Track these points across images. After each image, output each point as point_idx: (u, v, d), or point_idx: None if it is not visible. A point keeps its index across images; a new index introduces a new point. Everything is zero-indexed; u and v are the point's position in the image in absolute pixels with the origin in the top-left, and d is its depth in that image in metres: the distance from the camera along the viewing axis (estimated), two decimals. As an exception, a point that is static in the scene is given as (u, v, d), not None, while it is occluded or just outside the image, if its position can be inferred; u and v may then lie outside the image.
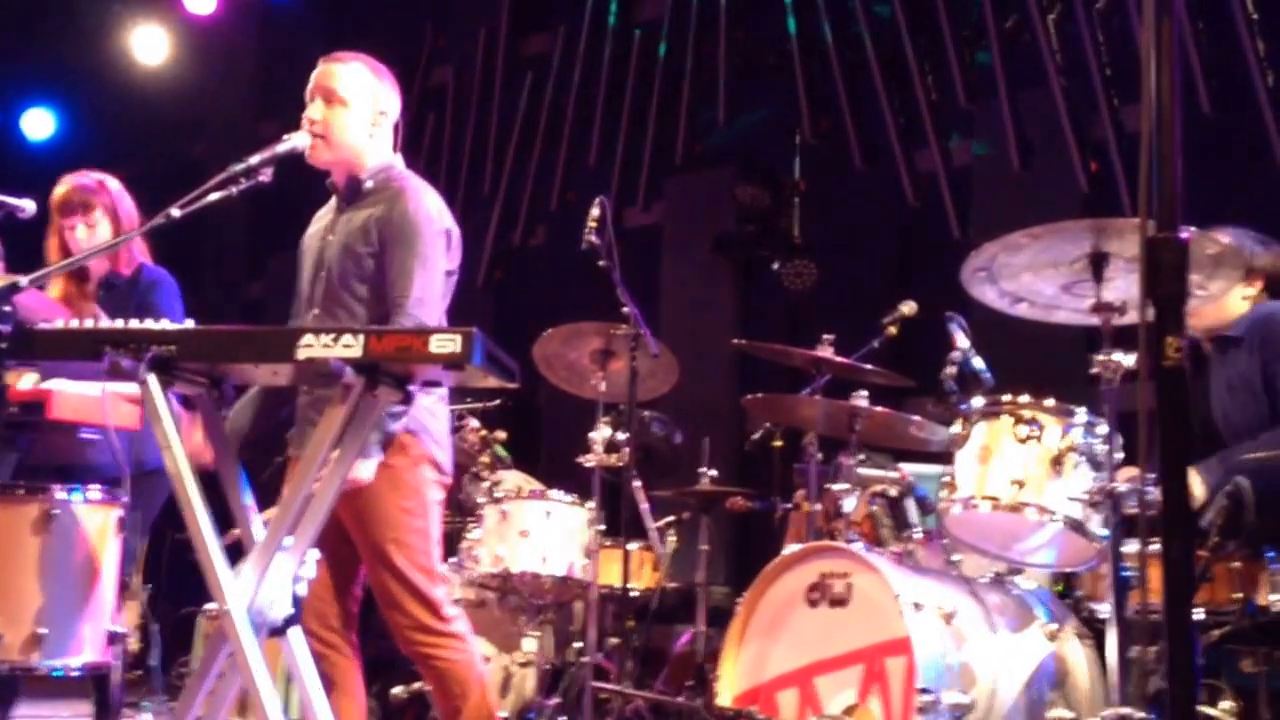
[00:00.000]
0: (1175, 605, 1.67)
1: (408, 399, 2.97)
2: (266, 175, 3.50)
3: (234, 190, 3.44)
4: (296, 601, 2.91)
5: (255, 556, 2.84)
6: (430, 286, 3.77)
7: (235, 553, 2.93)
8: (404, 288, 3.72)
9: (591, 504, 5.19)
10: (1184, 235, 1.77)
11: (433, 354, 2.74)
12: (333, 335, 2.73)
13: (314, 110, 3.85)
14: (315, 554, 2.96)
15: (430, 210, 3.84)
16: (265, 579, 2.82)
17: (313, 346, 2.73)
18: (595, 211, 5.02)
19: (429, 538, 3.82)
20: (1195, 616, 3.66)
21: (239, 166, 3.46)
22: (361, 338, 2.73)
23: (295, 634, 2.96)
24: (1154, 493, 1.88)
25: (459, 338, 2.74)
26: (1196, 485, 3.94)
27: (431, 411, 3.84)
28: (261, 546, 2.84)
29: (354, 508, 3.67)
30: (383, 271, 3.77)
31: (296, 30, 9.17)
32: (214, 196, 3.42)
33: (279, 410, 3.96)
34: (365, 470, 3.63)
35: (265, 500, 3.13)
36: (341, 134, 3.85)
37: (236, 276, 10.70)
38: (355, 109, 3.86)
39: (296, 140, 3.73)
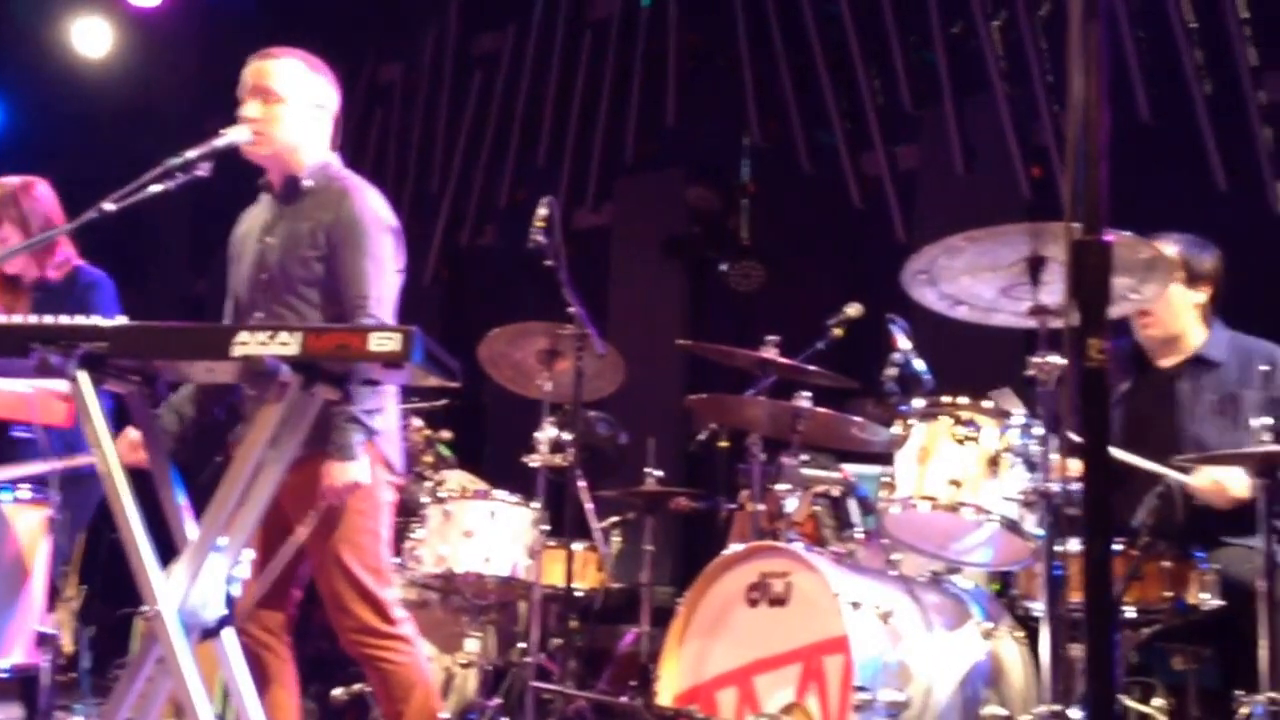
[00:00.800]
0: (1096, 602, 1.69)
1: (347, 397, 2.96)
2: (204, 170, 3.48)
3: (171, 185, 3.41)
4: (230, 603, 2.88)
5: (188, 557, 2.80)
6: (386, 285, 3.79)
7: (171, 552, 2.91)
8: (361, 288, 3.73)
9: (536, 504, 5.19)
10: (1108, 238, 1.79)
11: (371, 352, 2.72)
12: (269, 332, 2.71)
13: (251, 109, 3.82)
14: (250, 554, 2.94)
15: (376, 210, 3.84)
16: (198, 580, 2.80)
17: (248, 344, 2.71)
18: (543, 211, 5.01)
19: (380, 539, 3.83)
20: (1127, 614, 3.75)
21: (176, 161, 3.43)
22: (298, 335, 2.71)
23: (229, 635, 2.94)
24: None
25: (398, 336, 2.73)
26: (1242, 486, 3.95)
27: (386, 411, 3.84)
28: (194, 547, 2.81)
29: (306, 507, 3.66)
30: (333, 275, 3.76)
31: (242, 24, 9.10)
32: (151, 191, 3.39)
33: (214, 408, 3.94)
34: (360, 472, 3.64)
35: (204, 501, 3.11)
36: (281, 131, 3.83)
37: (179, 274, 10.61)
38: (293, 105, 3.84)
39: (235, 135, 3.71)
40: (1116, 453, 3.83)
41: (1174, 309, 4.24)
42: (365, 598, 3.76)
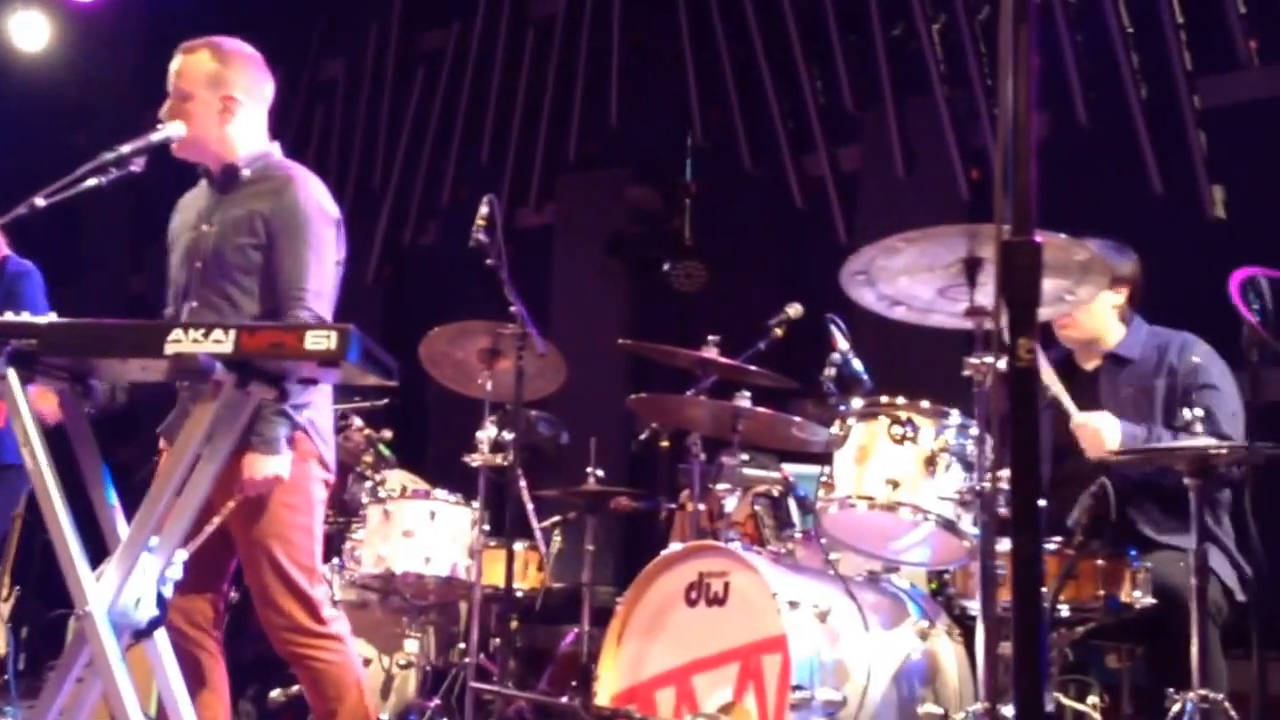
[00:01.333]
0: (1024, 600, 1.71)
1: (283, 395, 2.94)
2: (138, 165, 3.45)
3: (104, 180, 3.38)
4: (162, 603, 2.85)
5: (118, 557, 2.78)
6: (325, 278, 3.75)
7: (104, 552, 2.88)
8: (299, 280, 3.68)
9: (476, 504, 5.17)
10: (1037, 239, 1.81)
11: (307, 350, 2.70)
12: (203, 330, 2.68)
13: (164, 108, 3.77)
14: (183, 554, 2.91)
15: (319, 200, 3.80)
16: (129, 580, 2.77)
17: (182, 342, 2.68)
18: (484, 210, 5.00)
19: (312, 536, 3.79)
20: (1062, 613, 3.79)
21: (109, 155, 3.40)
22: (233, 333, 2.69)
23: (160, 636, 2.91)
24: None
25: (334, 334, 2.70)
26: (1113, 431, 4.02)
27: (321, 409, 3.81)
28: (125, 546, 2.78)
29: (230, 499, 3.62)
30: (271, 264, 3.72)
31: (184, 17, 9.00)
32: (84, 186, 3.35)
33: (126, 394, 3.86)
34: (282, 465, 3.60)
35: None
36: (190, 129, 3.76)
37: (118, 270, 10.50)
38: (198, 98, 3.77)
39: (170, 130, 3.67)
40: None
41: (1093, 311, 4.30)
42: (296, 595, 3.71)
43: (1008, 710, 3.26)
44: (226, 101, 3.81)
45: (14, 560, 5.52)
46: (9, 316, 2.76)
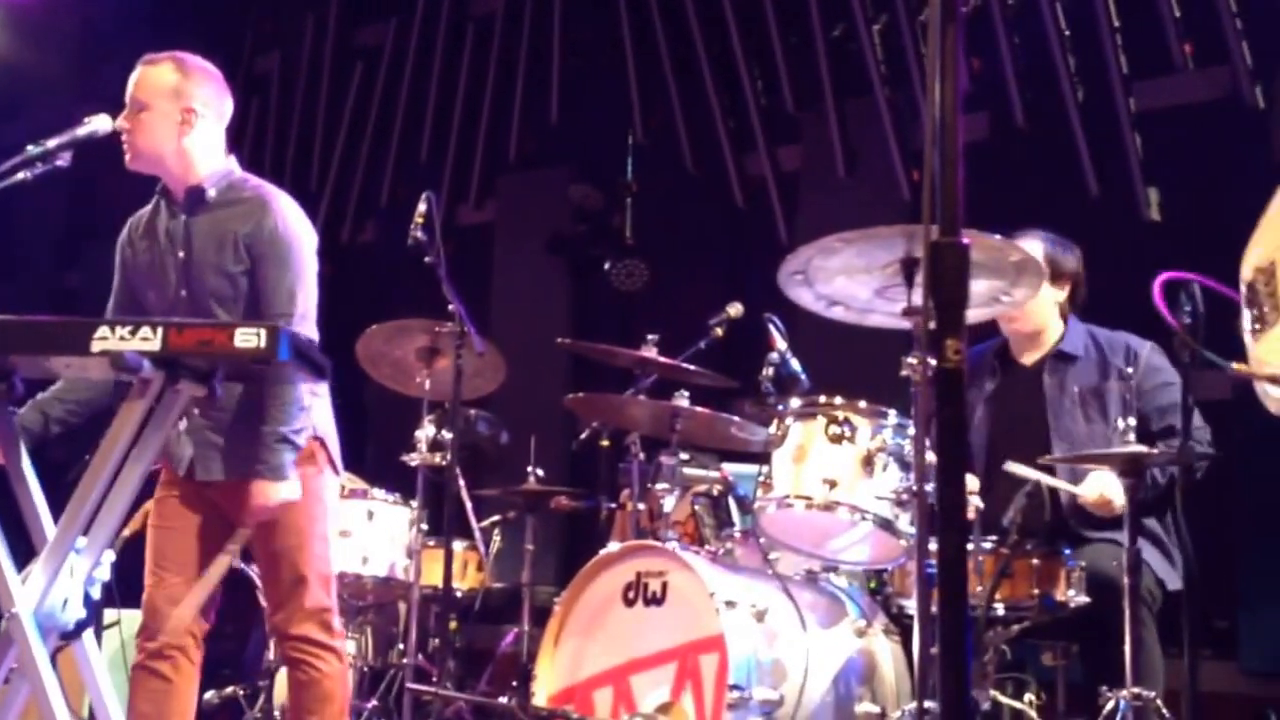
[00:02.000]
0: (949, 599, 1.71)
1: (212, 394, 2.90)
2: (65, 159, 3.40)
3: (30, 174, 3.33)
4: (90, 604, 2.82)
5: (45, 558, 2.74)
6: (310, 301, 3.75)
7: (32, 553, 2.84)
8: (286, 306, 3.67)
9: (415, 503, 5.15)
10: (964, 240, 1.82)
11: (236, 349, 2.68)
12: (130, 328, 2.65)
13: (122, 119, 3.72)
14: (110, 555, 2.87)
15: (299, 223, 3.80)
16: (56, 581, 2.73)
17: (109, 339, 2.64)
18: (422, 207, 4.98)
19: (329, 543, 3.81)
20: (998, 612, 3.81)
21: (35, 150, 3.35)
22: (160, 330, 2.66)
23: (88, 638, 2.87)
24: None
25: (264, 332, 2.68)
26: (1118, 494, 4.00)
27: (324, 413, 3.80)
28: (52, 547, 2.74)
29: (239, 531, 3.61)
30: (254, 288, 3.70)
31: (119, 11, 8.91)
32: (10, 180, 3.31)
33: (88, 411, 3.84)
34: (291, 490, 3.59)
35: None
36: (145, 137, 3.71)
37: (50, 267, 10.36)
38: (158, 110, 3.72)
39: (97, 123, 3.60)
40: (1016, 467, 3.92)
41: (1038, 305, 4.33)
42: (314, 606, 3.73)
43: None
44: (186, 114, 3.75)
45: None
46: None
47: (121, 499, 2.80)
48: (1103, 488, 4.01)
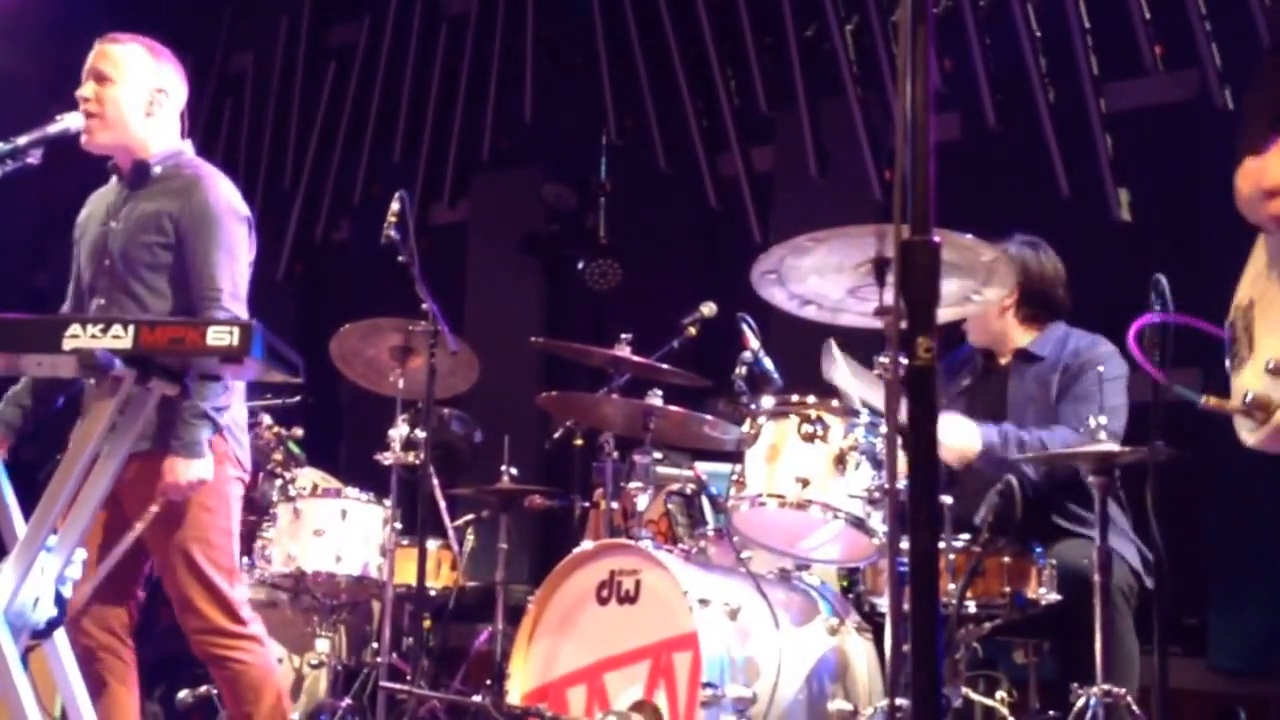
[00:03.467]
0: (921, 597, 1.72)
1: (185, 391, 2.90)
2: (35, 157, 3.40)
3: (0, 172, 3.32)
4: (61, 603, 2.81)
5: (15, 556, 2.73)
6: (239, 278, 3.74)
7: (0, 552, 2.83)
8: (213, 280, 3.66)
9: (389, 502, 5.15)
10: (935, 239, 1.83)
11: (209, 346, 2.68)
12: (101, 326, 2.65)
13: (85, 89, 3.75)
14: (82, 554, 2.87)
15: (229, 199, 3.79)
16: (27, 580, 2.72)
17: (80, 337, 2.64)
18: (395, 206, 4.99)
19: (231, 536, 3.79)
20: (969, 609, 3.83)
21: (5, 147, 3.35)
22: (132, 328, 2.65)
23: (60, 637, 2.87)
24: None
25: (237, 330, 2.68)
26: (973, 438, 4.09)
27: (233, 407, 3.79)
28: (22, 545, 2.74)
29: (147, 504, 3.59)
30: (181, 264, 3.69)
31: (89, 11, 8.86)
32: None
33: (55, 398, 3.84)
34: (205, 469, 3.57)
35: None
36: (114, 111, 3.75)
37: (20, 265, 10.30)
38: (128, 86, 3.77)
39: (69, 121, 3.63)
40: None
41: (981, 316, 4.36)
42: (216, 597, 3.70)
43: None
44: (156, 94, 3.82)
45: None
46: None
47: (92, 497, 2.80)
48: (955, 432, 4.09)
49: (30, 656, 2.77)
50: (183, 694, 5.27)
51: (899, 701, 3.30)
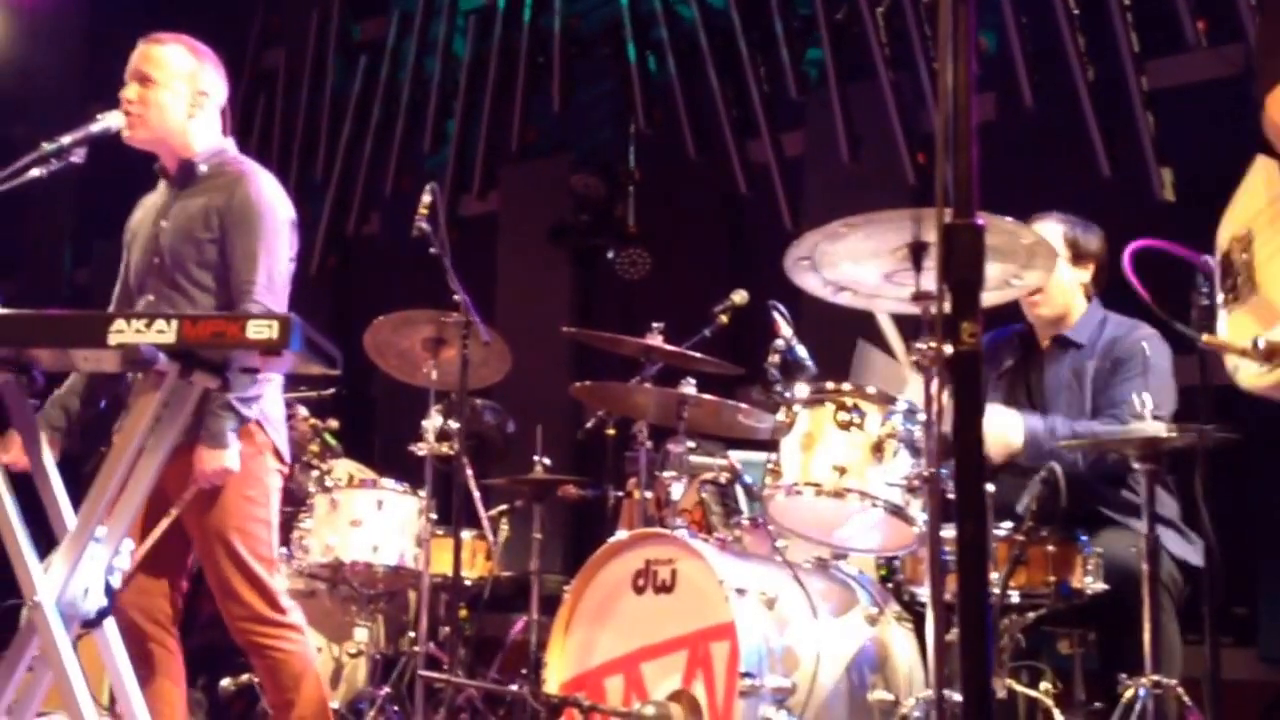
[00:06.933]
0: (969, 585, 1.71)
1: (226, 385, 2.92)
2: (79, 155, 3.43)
3: (44, 171, 3.35)
4: (110, 593, 2.84)
5: (66, 547, 2.76)
6: (276, 272, 3.77)
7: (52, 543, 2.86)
8: (250, 274, 3.70)
9: (424, 493, 5.16)
10: (979, 221, 1.81)
11: (249, 340, 2.68)
12: (145, 320, 2.66)
13: (129, 91, 3.79)
14: (130, 544, 2.89)
15: (272, 196, 3.83)
16: (77, 570, 2.75)
17: (124, 332, 2.65)
18: (426, 198, 5.00)
19: (270, 526, 3.82)
20: (1012, 599, 3.81)
21: (50, 146, 3.38)
22: (175, 323, 2.67)
23: (110, 626, 2.89)
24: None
25: (276, 324, 2.69)
26: (1016, 429, 4.08)
27: (272, 399, 3.81)
28: (72, 537, 2.76)
29: (195, 496, 3.63)
30: (225, 258, 3.72)
31: (126, 9, 8.91)
32: (25, 177, 3.32)
33: (100, 399, 3.88)
34: (231, 459, 3.60)
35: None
36: (157, 113, 3.79)
37: (62, 263, 10.39)
38: (170, 88, 3.81)
39: (110, 120, 3.66)
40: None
41: (1061, 287, 4.32)
42: (255, 585, 3.74)
43: (957, 696, 3.27)
44: (198, 96, 3.86)
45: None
46: (-51, 308, 2.73)
47: (139, 489, 2.83)
48: (1000, 423, 4.06)
49: (79, 645, 2.79)
50: (225, 682, 5.32)
51: (941, 693, 3.30)
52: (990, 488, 3.80)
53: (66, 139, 3.42)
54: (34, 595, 2.72)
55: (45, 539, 2.83)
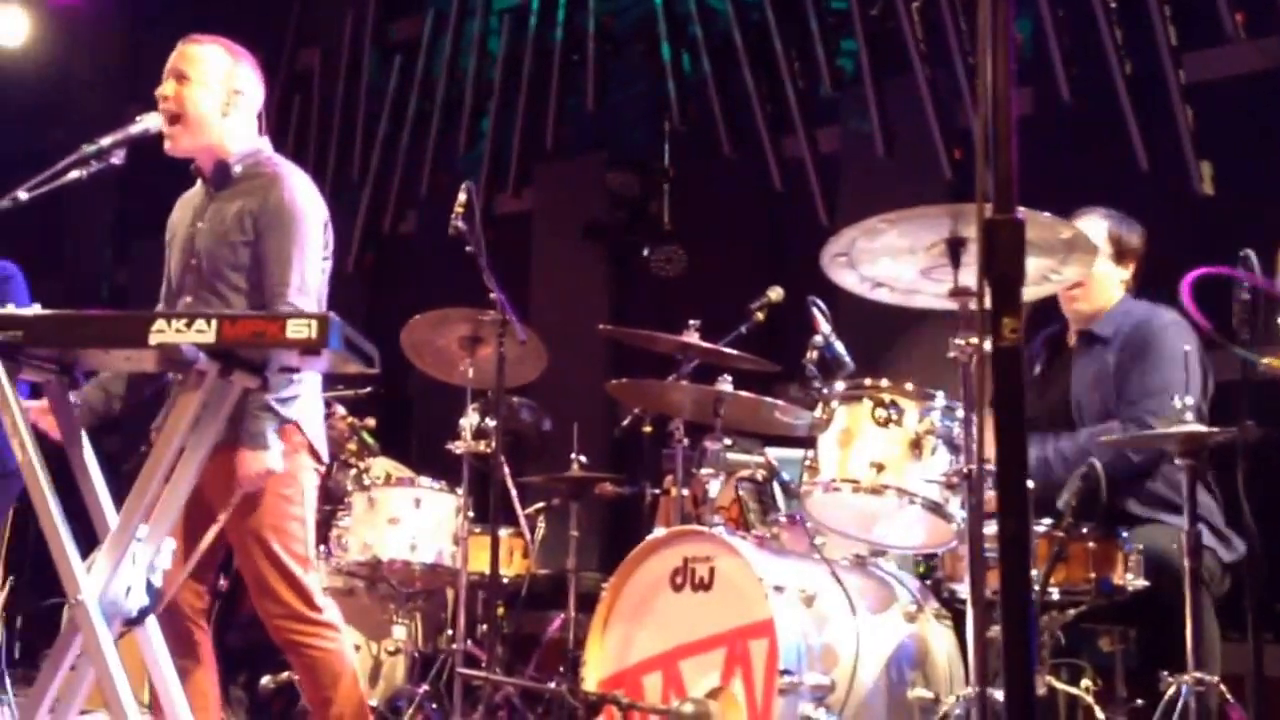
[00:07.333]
0: (1011, 583, 1.70)
1: (265, 384, 2.94)
2: (119, 157, 3.45)
3: (85, 173, 3.37)
4: (152, 591, 2.85)
5: (108, 546, 2.78)
6: (309, 273, 3.77)
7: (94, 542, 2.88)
8: (283, 275, 3.71)
9: (461, 491, 5.18)
10: (1020, 216, 1.80)
11: (288, 339, 2.70)
12: (185, 320, 2.68)
13: (165, 88, 3.80)
14: (172, 543, 2.91)
15: (306, 197, 3.83)
16: (119, 569, 2.77)
17: (165, 332, 2.67)
18: (462, 196, 5.00)
19: (306, 525, 3.83)
20: (1053, 596, 3.79)
21: (90, 148, 3.40)
22: (215, 323, 2.68)
23: (151, 624, 2.91)
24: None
25: (314, 323, 2.70)
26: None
27: (309, 398, 3.83)
28: (114, 536, 2.78)
29: (227, 494, 3.64)
30: (258, 260, 3.74)
31: (164, 12, 8.98)
32: (65, 179, 3.35)
33: (144, 388, 3.91)
34: (273, 460, 3.62)
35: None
36: (192, 110, 3.80)
37: (103, 263, 10.47)
38: (206, 86, 3.82)
39: (149, 121, 3.68)
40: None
41: (1102, 283, 4.30)
42: (291, 584, 3.76)
43: (998, 693, 3.25)
44: (233, 95, 3.87)
45: (6, 551, 5.52)
46: (-7, 309, 2.75)
47: (180, 488, 2.85)
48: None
49: (121, 643, 2.81)
50: (265, 680, 5.35)
51: (981, 690, 3.28)
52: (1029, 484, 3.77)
53: (106, 141, 3.45)
54: (77, 594, 2.73)
55: (87, 538, 2.85)
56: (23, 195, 3.29)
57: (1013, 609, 1.69)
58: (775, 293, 5.09)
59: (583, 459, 5.64)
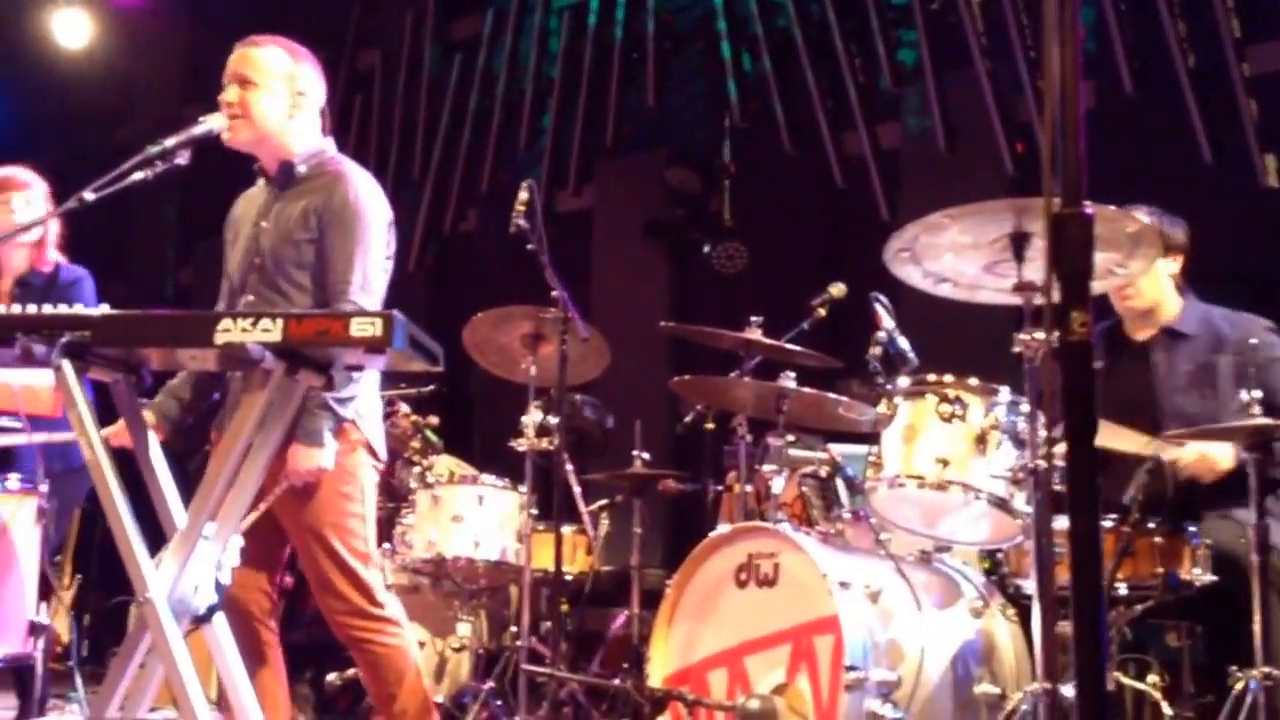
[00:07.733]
0: (1082, 578, 1.69)
1: (330, 383, 2.95)
2: (183, 158, 3.47)
3: (150, 174, 3.40)
4: (220, 589, 2.88)
5: (176, 544, 2.80)
6: (372, 273, 3.79)
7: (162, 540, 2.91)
8: (346, 274, 3.73)
9: (524, 488, 5.19)
10: (1088, 211, 1.78)
11: (353, 338, 2.70)
12: (251, 320, 2.69)
13: (229, 94, 3.83)
14: (239, 541, 2.93)
15: (369, 196, 3.85)
16: (187, 567, 2.79)
17: (231, 331, 2.69)
18: (523, 195, 5.01)
19: (366, 522, 3.84)
20: (1119, 591, 3.75)
21: (154, 149, 3.43)
22: (280, 322, 2.69)
23: (219, 621, 2.94)
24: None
25: (379, 321, 2.71)
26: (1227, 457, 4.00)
27: (368, 396, 3.85)
28: (182, 534, 2.81)
29: (291, 492, 3.67)
30: (322, 259, 3.76)
31: (224, 13, 9.06)
32: (130, 180, 3.38)
33: (211, 392, 3.95)
34: (326, 458, 3.64)
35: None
36: (258, 114, 3.82)
37: (166, 263, 10.59)
38: (270, 89, 3.84)
39: (213, 122, 3.71)
40: (1104, 436, 3.85)
41: (1153, 279, 4.27)
42: (353, 581, 3.77)
43: (1067, 690, 3.22)
44: (297, 97, 3.89)
45: (75, 549, 5.60)
46: (62, 309, 2.78)
47: (247, 486, 2.87)
48: (1202, 448, 3.95)
49: (189, 640, 2.84)
50: (331, 677, 5.39)
51: (1049, 686, 3.25)
52: (1097, 479, 3.73)
53: (170, 142, 3.47)
54: (145, 592, 2.76)
55: (154, 536, 2.88)
56: (89, 196, 3.32)
57: (1084, 605, 1.67)
58: (837, 288, 5.07)
59: (645, 456, 5.63)
